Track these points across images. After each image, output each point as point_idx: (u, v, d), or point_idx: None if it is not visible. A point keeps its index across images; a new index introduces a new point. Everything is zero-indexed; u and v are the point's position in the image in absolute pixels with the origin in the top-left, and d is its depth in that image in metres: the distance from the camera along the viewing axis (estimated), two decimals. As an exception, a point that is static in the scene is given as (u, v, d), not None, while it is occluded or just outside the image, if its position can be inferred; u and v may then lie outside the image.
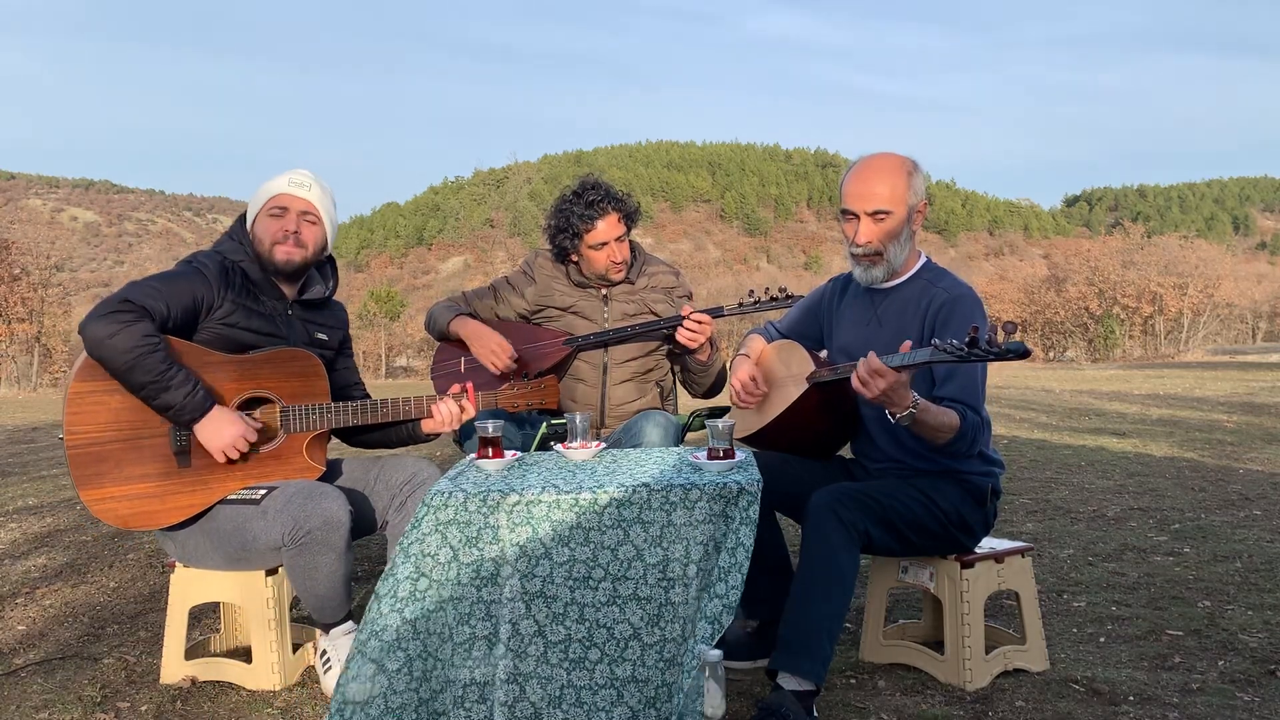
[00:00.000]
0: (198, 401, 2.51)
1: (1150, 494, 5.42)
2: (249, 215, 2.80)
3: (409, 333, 41.02)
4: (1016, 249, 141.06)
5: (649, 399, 3.46)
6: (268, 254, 2.73)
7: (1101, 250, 37.88)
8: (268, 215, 2.75)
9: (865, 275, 2.70)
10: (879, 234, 2.62)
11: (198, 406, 2.52)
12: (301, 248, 2.75)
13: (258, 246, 2.74)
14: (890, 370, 2.28)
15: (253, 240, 2.76)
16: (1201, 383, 14.92)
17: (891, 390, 2.30)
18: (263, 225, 2.75)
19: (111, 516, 2.53)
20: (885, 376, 2.28)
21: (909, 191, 2.61)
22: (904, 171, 2.61)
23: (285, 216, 2.74)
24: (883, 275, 2.68)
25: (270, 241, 2.72)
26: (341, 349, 2.99)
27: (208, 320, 2.62)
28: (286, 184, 2.76)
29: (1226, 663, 2.78)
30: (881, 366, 2.28)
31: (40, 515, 5.53)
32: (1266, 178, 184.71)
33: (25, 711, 2.60)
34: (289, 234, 2.73)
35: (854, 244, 2.65)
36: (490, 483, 2.32)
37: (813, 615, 2.37)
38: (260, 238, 2.74)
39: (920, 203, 2.64)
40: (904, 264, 2.70)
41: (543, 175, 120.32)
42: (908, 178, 2.61)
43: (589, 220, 3.30)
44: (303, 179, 2.77)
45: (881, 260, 2.65)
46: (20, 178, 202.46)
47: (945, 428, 2.42)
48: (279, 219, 2.74)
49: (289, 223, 2.74)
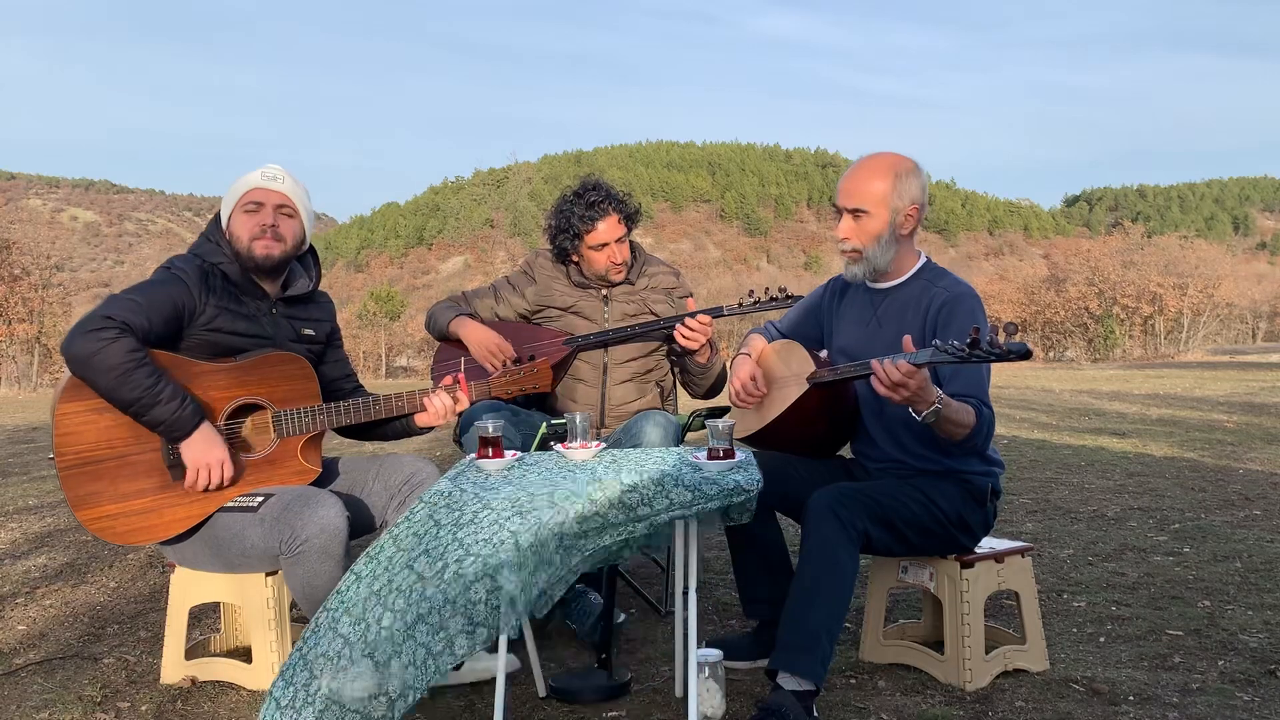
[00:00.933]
0: (187, 416, 2.48)
1: (1150, 494, 5.42)
2: (223, 214, 2.74)
3: (409, 332, 40.99)
4: (1016, 249, 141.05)
5: (649, 399, 3.46)
6: (247, 250, 2.67)
7: (1101, 250, 37.83)
8: (243, 211, 2.69)
9: (847, 271, 2.73)
10: (856, 231, 2.63)
11: (187, 421, 2.49)
12: (280, 241, 2.70)
13: (236, 244, 2.68)
14: (917, 370, 2.27)
15: (230, 238, 2.70)
16: (1201, 383, 14.92)
17: (920, 389, 2.29)
18: (239, 222, 2.69)
19: (110, 534, 2.51)
20: (914, 377, 2.27)
21: (893, 194, 2.60)
22: (892, 173, 2.60)
23: (261, 211, 2.69)
24: (862, 274, 2.68)
25: (248, 237, 2.67)
26: (330, 341, 2.94)
27: (191, 327, 2.59)
28: (260, 178, 2.71)
29: (1226, 663, 2.78)
30: (909, 368, 2.26)
31: (40, 515, 5.53)
32: (1266, 178, 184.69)
33: (25, 711, 2.60)
34: (266, 228, 2.68)
35: (837, 239, 2.69)
36: (490, 483, 2.32)
37: (813, 615, 2.36)
38: (238, 235, 2.68)
39: (910, 206, 2.62)
40: (901, 264, 2.69)
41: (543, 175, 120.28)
42: (895, 180, 2.60)
43: (590, 221, 3.30)
44: (275, 172, 2.72)
45: (860, 258, 2.66)
46: (20, 178, 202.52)
47: (964, 423, 2.42)
48: (255, 214, 2.69)
49: (265, 217, 2.68)
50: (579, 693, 2.59)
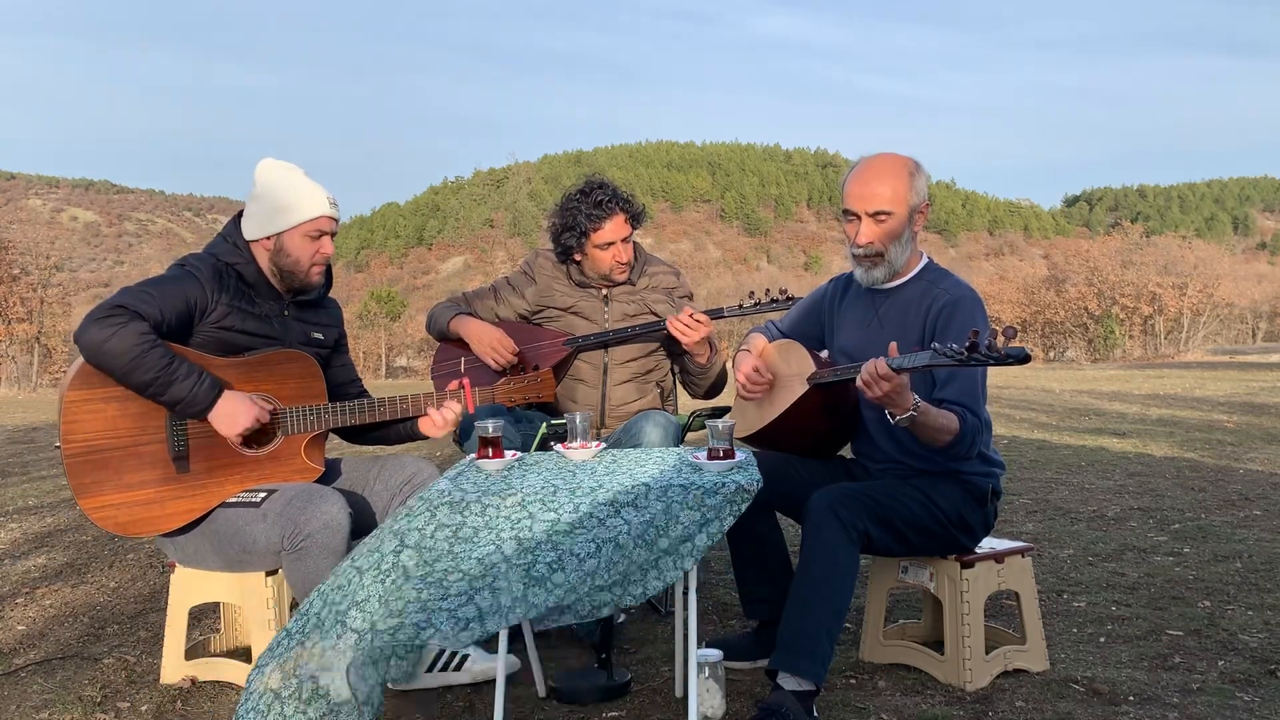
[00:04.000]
0: (206, 389, 2.50)
1: (1150, 494, 5.42)
2: (269, 225, 2.68)
3: (409, 333, 41.03)
4: (1016, 249, 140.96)
5: (649, 399, 3.46)
6: (304, 274, 2.71)
7: (1101, 250, 37.86)
8: (307, 236, 2.69)
9: (866, 276, 2.70)
10: (880, 235, 2.62)
11: (207, 394, 2.50)
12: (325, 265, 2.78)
13: (289, 264, 2.69)
14: (894, 374, 2.28)
15: (276, 251, 2.69)
16: (1201, 383, 14.92)
17: (895, 393, 2.31)
18: (300, 245, 2.69)
19: (111, 524, 2.52)
20: (890, 380, 2.29)
21: (910, 192, 2.60)
22: (906, 172, 2.61)
23: (323, 240, 2.73)
24: (884, 276, 2.68)
25: (309, 263, 2.71)
26: (337, 347, 2.97)
27: (202, 324, 2.60)
28: (328, 205, 2.72)
29: (1226, 663, 2.78)
30: (887, 370, 2.28)
31: (40, 515, 5.53)
32: (1266, 178, 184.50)
33: (25, 711, 2.60)
34: (327, 256, 2.74)
35: (855, 245, 2.65)
36: (490, 483, 2.32)
37: (813, 615, 2.37)
38: (296, 257, 2.69)
39: (922, 203, 2.64)
40: (905, 265, 2.69)
41: (543, 175, 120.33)
42: (909, 178, 2.60)
43: (596, 220, 3.30)
44: (332, 197, 2.75)
45: (883, 261, 2.65)
46: (20, 178, 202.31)
47: (945, 430, 2.42)
48: (318, 241, 2.72)
49: (327, 247, 2.74)
50: (579, 693, 2.59)
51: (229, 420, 2.54)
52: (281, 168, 2.75)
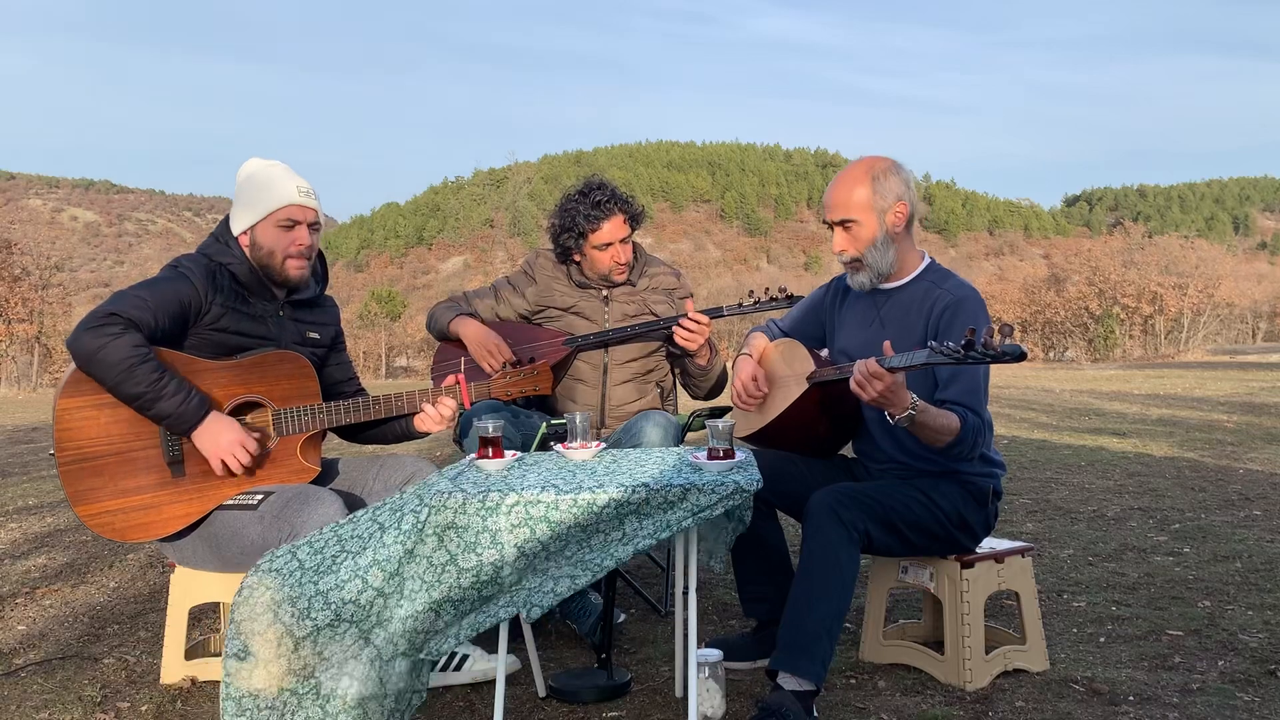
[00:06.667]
0: (193, 408, 2.49)
1: (1150, 494, 5.42)
2: (244, 219, 2.70)
3: (409, 333, 41.01)
4: (1016, 249, 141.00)
5: (649, 399, 3.46)
6: (279, 267, 2.68)
7: (1101, 250, 37.83)
8: (277, 227, 2.67)
9: (853, 281, 2.73)
10: (850, 241, 2.65)
11: (193, 413, 2.49)
12: (308, 259, 2.73)
13: (263, 257, 2.68)
14: (886, 372, 2.28)
15: (251, 245, 2.69)
16: (1201, 383, 14.92)
17: (889, 392, 2.31)
18: (271, 236, 2.67)
19: (108, 530, 2.51)
20: (882, 379, 2.29)
21: (875, 196, 2.61)
22: (869, 177, 2.62)
23: (297, 230, 2.68)
24: (868, 281, 2.69)
25: (283, 255, 2.68)
26: (334, 345, 2.95)
27: (197, 326, 2.59)
28: (295, 194, 2.68)
29: (1226, 663, 2.78)
30: (879, 369, 2.29)
31: (40, 515, 5.53)
32: (1266, 178, 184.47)
33: (25, 711, 2.60)
34: (303, 249, 2.70)
35: (834, 253, 2.69)
36: (490, 483, 2.32)
37: (813, 615, 2.37)
38: (269, 249, 2.67)
39: (895, 204, 2.63)
40: (904, 265, 2.69)
41: (543, 175, 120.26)
42: (873, 182, 2.61)
43: (595, 221, 3.30)
44: (306, 186, 2.71)
45: (863, 266, 2.67)
46: (20, 178, 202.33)
47: (945, 430, 2.42)
48: (290, 231, 2.68)
49: (302, 237, 2.69)
50: (579, 693, 2.59)
51: (212, 441, 2.52)
52: (259, 163, 2.74)
